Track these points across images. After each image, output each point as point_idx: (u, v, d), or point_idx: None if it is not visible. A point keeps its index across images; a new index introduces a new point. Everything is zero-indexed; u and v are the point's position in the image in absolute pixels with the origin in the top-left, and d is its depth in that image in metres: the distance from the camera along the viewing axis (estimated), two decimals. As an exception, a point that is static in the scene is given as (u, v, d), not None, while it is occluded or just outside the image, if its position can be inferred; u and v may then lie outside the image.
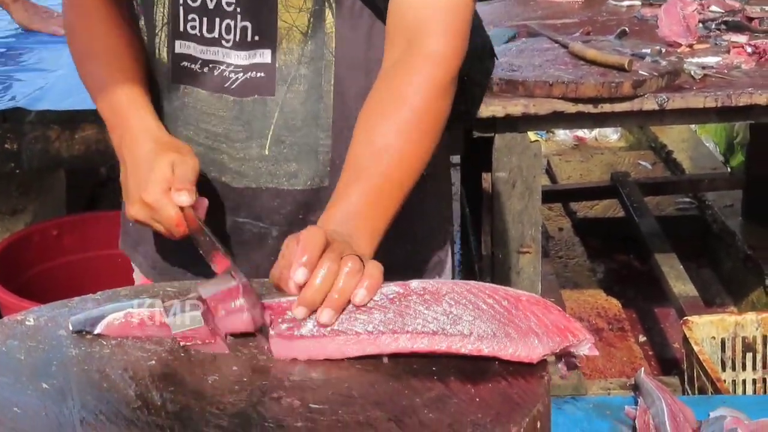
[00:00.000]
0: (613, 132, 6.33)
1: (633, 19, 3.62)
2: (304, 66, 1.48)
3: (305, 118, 1.50)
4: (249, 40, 1.48)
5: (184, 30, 1.51)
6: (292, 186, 1.53)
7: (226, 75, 1.51)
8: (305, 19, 1.46)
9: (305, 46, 1.47)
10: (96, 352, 1.17)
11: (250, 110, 1.51)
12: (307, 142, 1.51)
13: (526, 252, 2.96)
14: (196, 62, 1.52)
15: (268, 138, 1.52)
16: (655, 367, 3.86)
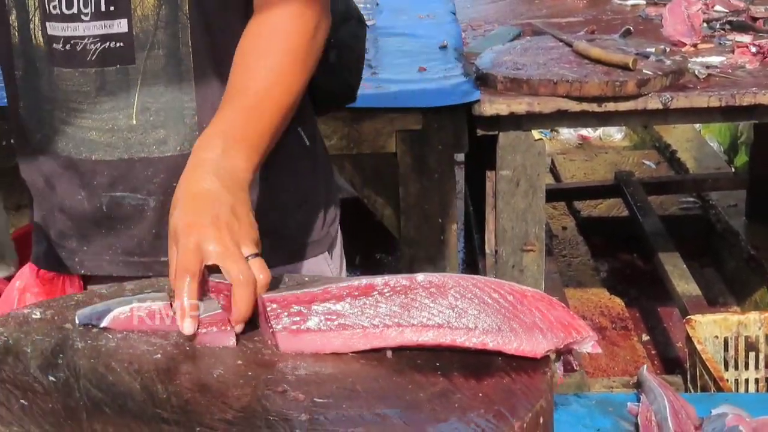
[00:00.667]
0: (618, 131, 6.33)
1: (637, 18, 3.63)
2: (161, 31, 1.51)
3: (168, 83, 1.53)
4: (103, 11, 1.50)
5: (49, 11, 1.53)
6: (162, 153, 1.56)
7: (87, 48, 1.52)
8: None
9: (159, 11, 1.50)
10: (102, 346, 1.17)
11: (112, 80, 1.53)
12: (173, 107, 1.54)
13: (530, 250, 2.97)
14: (59, 41, 1.53)
15: (134, 107, 1.54)
16: (657, 366, 3.86)
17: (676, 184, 5.05)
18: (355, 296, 1.17)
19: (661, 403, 1.39)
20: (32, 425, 1.01)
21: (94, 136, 1.56)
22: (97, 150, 1.57)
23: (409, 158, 2.88)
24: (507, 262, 2.98)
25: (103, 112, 1.55)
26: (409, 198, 2.91)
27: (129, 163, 1.56)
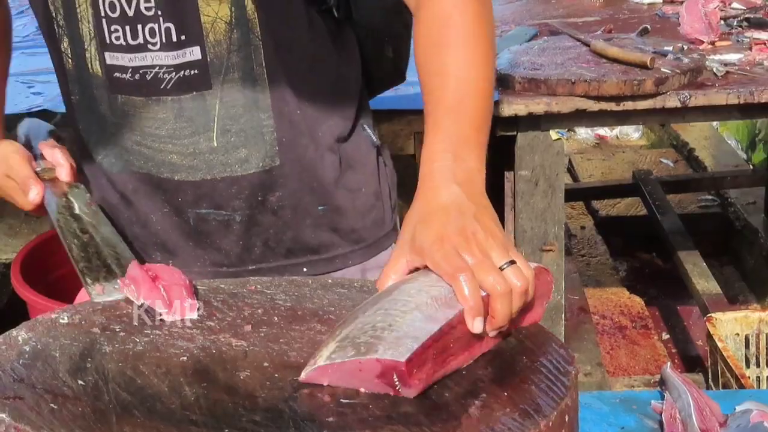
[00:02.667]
0: (635, 130, 6.32)
1: (654, 16, 3.62)
2: (234, 54, 1.52)
3: (245, 104, 1.55)
4: (175, 41, 1.51)
5: (110, 42, 1.53)
6: (245, 171, 1.58)
7: (160, 77, 1.53)
8: (227, 9, 1.50)
9: (231, 35, 1.51)
10: (129, 349, 1.18)
11: (190, 107, 1.54)
12: (252, 126, 1.56)
13: (550, 250, 2.97)
14: (126, 71, 1.54)
15: (213, 130, 1.55)
16: (678, 365, 3.86)
17: (694, 182, 5.04)
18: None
19: (686, 400, 1.39)
20: (62, 429, 1.02)
21: (175, 159, 1.58)
22: (179, 171, 1.59)
23: (428, 159, 2.88)
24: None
25: (183, 138, 1.56)
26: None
27: (212, 182, 1.59)
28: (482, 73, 1.35)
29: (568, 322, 3.36)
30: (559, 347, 1.21)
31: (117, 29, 1.52)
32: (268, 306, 1.30)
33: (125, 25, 1.51)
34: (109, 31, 1.53)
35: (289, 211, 1.62)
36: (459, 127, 1.29)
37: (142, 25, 1.51)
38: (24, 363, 1.15)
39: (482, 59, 1.35)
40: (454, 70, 1.34)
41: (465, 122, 1.30)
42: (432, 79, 1.35)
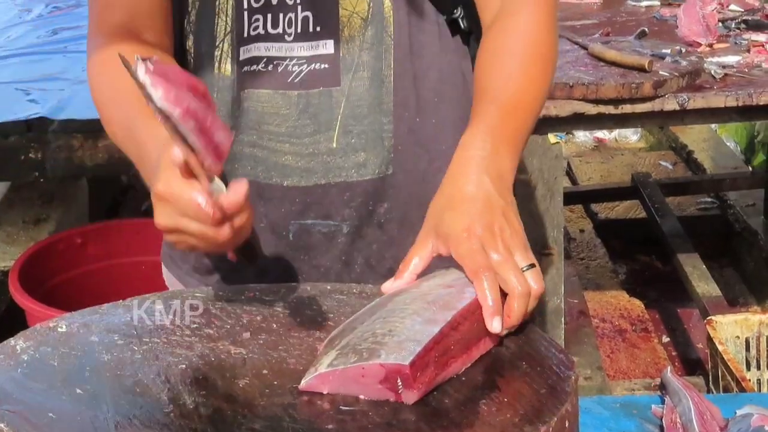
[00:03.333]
0: (633, 133, 6.32)
1: (652, 19, 3.62)
2: (366, 52, 1.49)
3: (370, 105, 1.50)
4: (311, 31, 1.48)
5: (248, 33, 1.49)
6: (361, 177, 1.51)
7: (290, 69, 1.49)
8: (365, 5, 1.47)
9: (365, 32, 1.48)
10: (128, 358, 1.18)
11: (316, 103, 1.50)
12: (374, 129, 1.51)
13: (549, 254, 2.97)
14: (260, 62, 1.50)
15: (335, 130, 1.50)
16: (679, 368, 3.85)
17: (693, 184, 5.04)
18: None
19: (686, 404, 1.39)
20: (61, 438, 1.02)
21: (290, 161, 1.51)
22: (291, 176, 1.51)
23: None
24: (526, 266, 2.98)
25: (304, 136, 1.50)
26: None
27: (325, 188, 1.51)
28: (540, 91, 1.40)
29: (567, 325, 3.36)
30: (558, 352, 1.20)
31: (258, 19, 1.49)
32: (267, 313, 1.30)
33: (267, 14, 1.48)
34: (250, 21, 1.49)
35: (396, 225, 1.54)
36: (505, 126, 1.32)
37: (283, 14, 1.48)
38: (22, 372, 1.15)
39: (543, 78, 1.40)
40: (518, 77, 1.38)
41: (512, 124, 1.33)
42: (493, 78, 1.38)
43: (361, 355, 1.09)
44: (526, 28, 1.43)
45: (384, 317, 1.14)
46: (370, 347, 1.10)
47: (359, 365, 1.08)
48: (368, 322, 1.14)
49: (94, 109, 2.84)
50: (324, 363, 1.10)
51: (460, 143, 1.32)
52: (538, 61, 1.42)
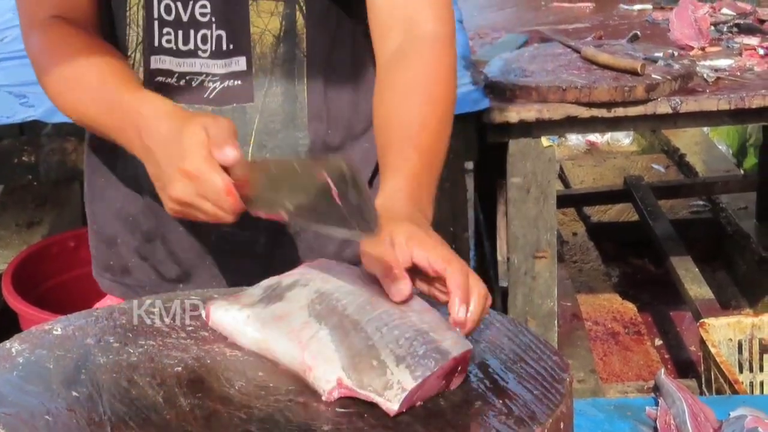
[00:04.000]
0: (626, 136, 6.33)
1: (644, 22, 3.63)
2: (278, 68, 1.50)
3: (284, 120, 1.52)
4: (224, 49, 1.50)
5: (159, 45, 1.51)
6: None
7: (205, 85, 1.51)
8: (277, 22, 1.49)
9: (277, 48, 1.50)
10: (123, 360, 1.18)
11: (230, 117, 1.49)
12: (288, 143, 1.53)
13: (542, 257, 2.98)
14: (172, 76, 1.52)
15: (250, 145, 1.52)
16: (671, 370, 3.86)
17: (685, 187, 5.04)
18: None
19: (680, 406, 1.39)
20: (58, 440, 1.02)
21: None
22: None
23: (419, 167, 2.89)
24: (519, 269, 2.98)
25: None
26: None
27: None
28: (448, 133, 1.43)
29: (560, 328, 3.37)
30: (553, 354, 1.21)
31: (169, 32, 1.50)
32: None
33: (178, 30, 1.49)
34: (160, 34, 1.50)
35: (312, 234, 1.56)
36: (427, 174, 1.35)
37: (194, 31, 1.49)
38: (18, 375, 1.15)
39: (449, 120, 1.44)
40: (432, 122, 1.40)
41: (432, 172, 1.36)
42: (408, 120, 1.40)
43: (430, 358, 1.08)
44: (431, 75, 1.44)
45: (386, 323, 1.14)
46: (426, 349, 1.10)
47: (439, 366, 1.08)
48: (376, 334, 1.13)
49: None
50: (404, 380, 1.08)
51: (384, 194, 1.31)
52: (444, 112, 1.43)
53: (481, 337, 1.24)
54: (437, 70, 1.45)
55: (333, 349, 1.12)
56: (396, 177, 1.33)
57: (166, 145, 1.30)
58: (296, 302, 1.20)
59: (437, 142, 1.40)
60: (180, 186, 1.27)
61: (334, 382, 1.09)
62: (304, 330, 1.15)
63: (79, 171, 2.95)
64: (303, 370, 1.12)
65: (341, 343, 1.12)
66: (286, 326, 1.17)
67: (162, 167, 1.31)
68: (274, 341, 1.17)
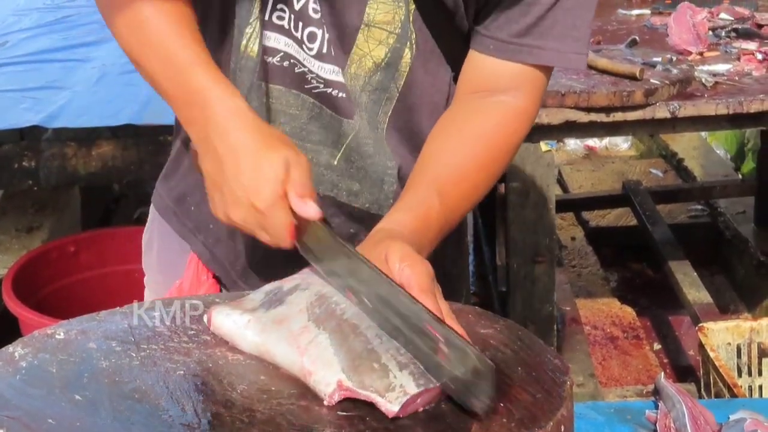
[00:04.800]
0: (624, 141, 6.34)
1: (643, 27, 3.64)
2: (366, 94, 1.45)
3: (375, 146, 1.48)
4: (324, 52, 1.45)
5: (270, 19, 1.45)
6: (350, 202, 1.51)
7: (308, 79, 1.46)
8: (382, 52, 1.44)
9: (373, 75, 1.45)
10: (126, 364, 1.18)
11: (328, 119, 1.47)
12: (375, 171, 1.49)
13: (541, 262, 2.98)
14: (276, 55, 1.46)
15: (339, 151, 1.48)
16: (670, 374, 3.87)
17: (683, 192, 5.05)
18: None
19: (680, 409, 1.40)
20: (61, 444, 1.03)
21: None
22: None
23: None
24: (519, 274, 2.99)
25: (308, 142, 1.48)
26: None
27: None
28: (485, 189, 1.42)
29: (560, 333, 3.38)
30: (554, 358, 1.22)
31: (282, 9, 1.44)
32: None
33: (291, 13, 1.44)
34: (273, 8, 1.44)
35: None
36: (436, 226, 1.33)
37: (303, 24, 1.44)
38: (21, 378, 1.15)
39: (493, 178, 1.43)
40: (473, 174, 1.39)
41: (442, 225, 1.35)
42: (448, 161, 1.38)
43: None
44: (495, 135, 1.42)
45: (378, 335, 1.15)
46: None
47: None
48: (372, 335, 1.14)
49: (87, 118, 2.86)
50: (406, 383, 1.08)
51: (392, 219, 1.32)
52: (491, 172, 1.42)
53: (480, 340, 1.24)
54: (506, 133, 1.43)
55: (332, 352, 1.12)
56: (407, 213, 1.33)
57: (239, 160, 1.27)
58: (296, 306, 1.21)
59: (465, 199, 1.40)
60: (243, 212, 1.27)
61: (334, 385, 1.09)
62: (303, 334, 1.16)
63: (80, 176, 2.97)
64: (303, 374, 1.13)
65: (340, 346, 1.13)
66: (286, 330, 1.18)
67: (228, 181, 1.28)
68: (274, 345, 1.17)
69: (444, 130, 1.43)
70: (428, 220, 1.33)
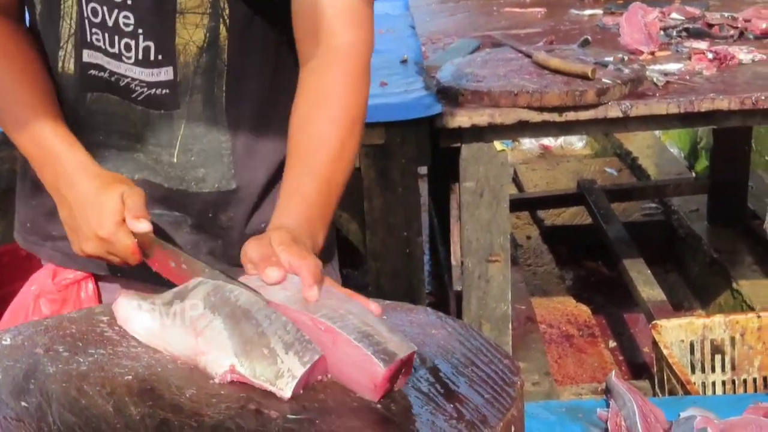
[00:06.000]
0: (579, 140, 6.38)
1: (595, 27, 3.66)
2: (199, 77, 1.56)
3: (207, 125, 1.58)
4: (152, 59, 1.55)
5: (90, 41, 1.56)
6: (200, 189, 1.62)
7: (132, 87, 1.57)
8: (201, 34, 1.54)
9: (200, 58, 1.55)
10: (73, 369, 1.17)
11: (157, 122, 1.58)
12: (212, 147, 1.59)
13: (495, 261, 2.99)
14: (104, 71, 1.57)
15: (175, 147, 1.59)
16: (625, 372, 3.89)
17: (638, 190, 5.09)
18: None
19: (630, 408, 1.41)
20: (6, 451, 1.01)
21: (141, 158, 1.60)
22: (142, 170, 1.61)
23: (372, 172, 2.89)
24: (473, 273, 2.99)
25: (148, 145, 1.60)
26: (373, 212, 2.92)
27: (168, 191, 1.61)
28: (351, 153, 1.50)
29: (515, 331, 3.38)
30: (504, 358, 1.22)
31: (97, 32, 1.55)
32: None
33: (105, 32, 1.54)
34: (90, 32, 1.55)
35: (237, 231, 1.64)
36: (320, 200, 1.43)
37: (118, 37, 1.54)
38: (-34, 385, 1.14)
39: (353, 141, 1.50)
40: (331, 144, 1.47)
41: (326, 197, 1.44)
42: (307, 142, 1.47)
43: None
44: (336, 83, 1.50)
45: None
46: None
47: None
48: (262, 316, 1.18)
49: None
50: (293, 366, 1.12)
51: (276, 215, 1.41)
52: (349, 124, 1.50)
53: (432, 341, 1.24)
54: (348, 79, 1.51)
55: (226, 336, 1.16)
56: (291, 202, 1.42)
57: (84, 204, 1.50)
58: (195, 298, 1.23)
59: (337, 160, 1.47)
60: (93, 245, 1.50)
61: (226, 367, 1.14)
62: (200, 320, 1.20)
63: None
64: (196, 354, 1.17)
65: (233, 330, 1.17)
66: (182, 317, 1.21)
67: (78, 222, 1.51)
68: (169, 330, 1.22)
69: (298, 98, 1.52)
70: (306, 197, 1.42)
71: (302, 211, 1.40)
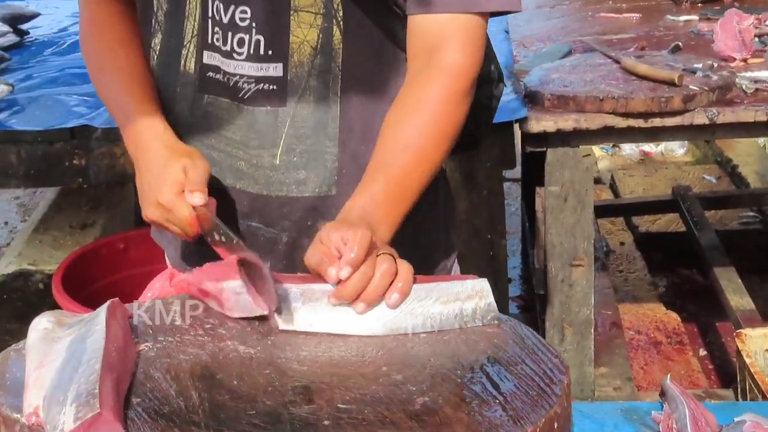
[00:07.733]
0: (680, 146, 6.30)
1: (689, 33, 3.62)
2: (313, 78, 1.57)
3: (314, 127, 1.59)
4: (261, 53, 1.57)
5: (211, 42, 1.60)
6: (300, 193, 1.62)
7: (240, 86, 1.59)
8: (315, 34, 1.55)
9: (314, 59, 1.57)
10: (142, 354, 1.25)
11: (262, 120, 1.59)
12: (316, 150, 1.60)
13: (579, 265, 3.00)
14: (219, 72, 1.60)
15: (279, 147, 1.60)
16: (714, 381, 3.86)
17: (734, 198, 5.02)
18: None
19: (682, 411, 1.43)
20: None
21: (243, 166, 1.63)
22: (242, 178, 1.63)
23: (458, 175, 2.93)
24: (556, 277, 3.01)
25: (251, 148, 1.61)
26: (458, 214, 2.95)
27: (267, 198, 1.63)
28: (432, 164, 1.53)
29: (599, 336, 3.39)
30: (553, 356, 1.25)
31: (218, 32, 1.59)
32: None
33: (221, 30, 1.58)
34: (212, 32, 1.59)
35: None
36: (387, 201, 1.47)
37: (232, 33, 1.57)
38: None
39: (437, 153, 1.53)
40: (413, 150, 1.50)
41: (394, 200, 1.48)
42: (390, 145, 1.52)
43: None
44: (435, 98, 1.52)
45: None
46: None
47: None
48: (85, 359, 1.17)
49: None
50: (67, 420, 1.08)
51: (344, 208, 1.47)
52: (437, 136, 1.52)
53: (485, 338, 1.29)
54: (448, 95, 1.53)
55: (51, 376, 1.15)
56: (358, 199, 1.47)
57: (150, 170, 1.57)
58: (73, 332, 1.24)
59: (417, 166, 1.50)
60: (154, 211, 1.56)
61: (32, 408, 1.12)
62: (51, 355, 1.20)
63: (128, 174, 3.04)
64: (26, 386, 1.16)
65: (61, 371, 1.15)
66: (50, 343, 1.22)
67: (144, 187, 1.58)
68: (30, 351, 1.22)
69: (395, 103, 1.55)
70: (374, 197, 1.46)
71: (367, 208, 1.43)
